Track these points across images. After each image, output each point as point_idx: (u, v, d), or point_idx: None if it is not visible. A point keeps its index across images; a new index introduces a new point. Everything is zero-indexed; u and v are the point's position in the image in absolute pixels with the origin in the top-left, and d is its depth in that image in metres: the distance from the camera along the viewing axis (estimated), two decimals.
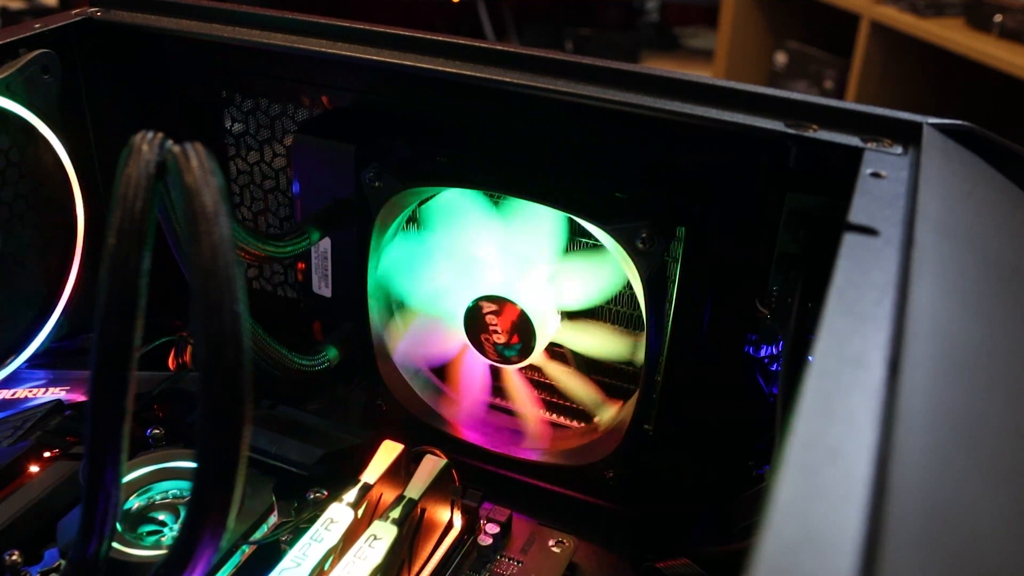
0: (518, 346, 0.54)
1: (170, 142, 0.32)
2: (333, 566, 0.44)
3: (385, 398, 0.59)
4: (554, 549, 0.53)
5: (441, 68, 0.49)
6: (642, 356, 0.51)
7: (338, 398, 0.63)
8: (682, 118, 0.45)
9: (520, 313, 0.52)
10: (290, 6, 0.66)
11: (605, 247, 0.50)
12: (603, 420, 0.56)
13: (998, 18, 1.47)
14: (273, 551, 0.47)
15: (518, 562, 0.52)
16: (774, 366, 0.50)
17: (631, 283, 0.51)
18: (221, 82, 0.61)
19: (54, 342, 0.57)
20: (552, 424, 0.59)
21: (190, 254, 0.30)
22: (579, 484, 0.57)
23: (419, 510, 0.49)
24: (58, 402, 0.53)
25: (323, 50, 0.51)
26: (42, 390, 0.54)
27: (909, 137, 0.42)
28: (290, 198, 0.62)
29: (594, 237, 0.51)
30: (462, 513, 0.53)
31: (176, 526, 0.47)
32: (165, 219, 0.34)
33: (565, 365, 0.57)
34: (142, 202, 0.31)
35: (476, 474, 0.57)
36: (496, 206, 0.54)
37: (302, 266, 0.60)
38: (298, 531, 0.47)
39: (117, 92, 0.59)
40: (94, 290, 0.31)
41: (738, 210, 0.49)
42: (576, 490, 0.57)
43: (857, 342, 0.25)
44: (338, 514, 0.47)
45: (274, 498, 0.49)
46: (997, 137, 0.44)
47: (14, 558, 0.45)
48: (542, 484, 0.58)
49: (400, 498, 0.49)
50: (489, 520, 0.54)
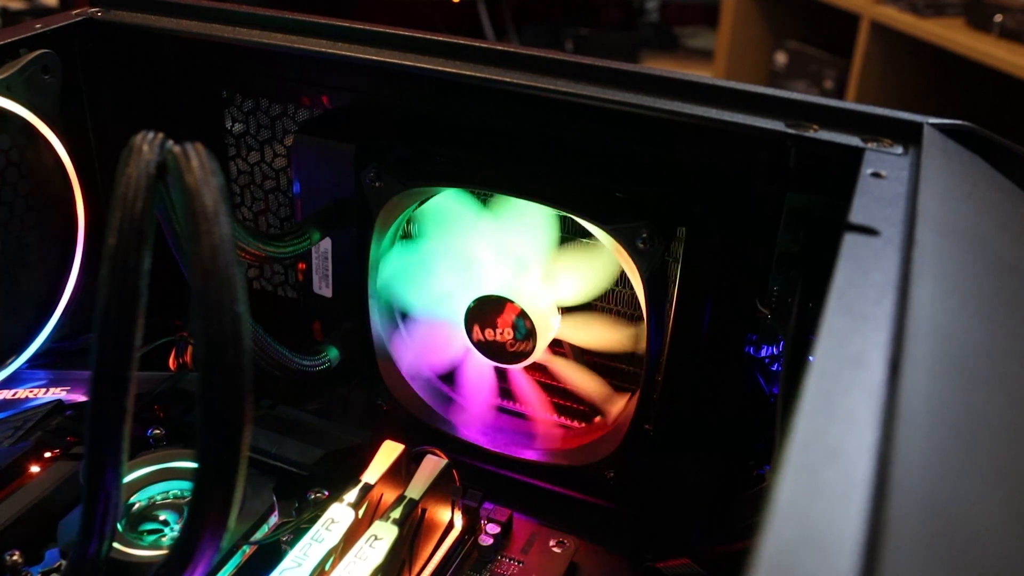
0: (521, 344, 0.53)
1: (170, 142, 0.32)
2: (334, 566, 0.44)
3: (385, 398, 0.59)
4: (554, 549, 0.53)
5: (441, 68, 0.49)
6: (644, 346, 0.51)
7: (338, 398, 0.63)
8: (682, 118, 0.45)
9: (519, 311, 0.52)
10: (290, 6, 0.66)
11: (597, 240, 0.50)
12: (612, 414, 0.56)
13: (998, 18, 1.47)
14: (274, 551, 0.47)
15: (519, 562, 0.52)
16: (774, 366, 0.50)
17: (626, 273, 0.51)
18: (221, 82, 0.61)
19: (54, 342, 0.57)
20: (557, 424, 0.59)
21: (190, 254, 0.30)
22: (579, 484, 0.57)
23: (420, 510, 0.49)
24: (58, 402, 0.53)
25: (323, 50, 0.51)
26: (42, 390, 0.54)
27: (909, 137, 0.42)
28: (290, 198, 0.62)
29: (586, 231, 0.51)
30: (463, 513, 0.53)
31: (176, 526, 0.47)
32: (165, 219, 0.34)
33: (569, 360, 0.57)
34: (142, 202, 0.31)
35: (476, 474, 0.57)
36: (485, 205, 0.54)
37: (302, 266, 0.60)
38: (299, 531, 0.47)
39: (117, 92, 0.59)
40: (94, 290, 0.31)
41: (738, 210, 0.49)
42: (576, 490, 0.57)
43: (857, 342, 0.25)
44: (339, 514, 0.47)
45: (275, 498, 0.49)
46: (997, 137, 0.44)
47: (14, 558, 0.45)
48: (542, 484, 0.58)
49: (401, 498, 0.49)
50: (490, 520, 0.54)
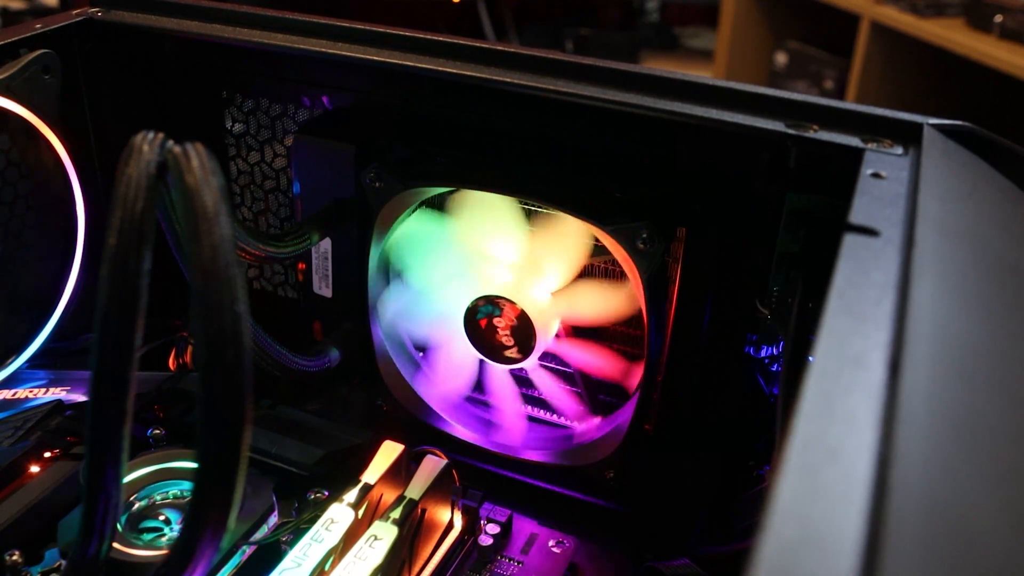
0: (514, 348, 0.53)
1: (170, 142, 0.32)
2: (334, 566, 0.44)
3: (385, 398, 0.59)
4: (554, 549, 0.53)
5: (441, 68, 0.49)
6: (634, 383, 0.51)
7: (338, 398, 0.63)
8: (682, 118, 0.45)
9: (523, 316, 0.52)
10: (290, 6, 0.66)
11: (625, 274, 0.50)
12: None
13: (998, 18, 1.47)
14: (273, 551, 0.47)
15: (518, 562, 0.52)
16: (774, 366, 0.50)
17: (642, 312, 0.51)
18: (221, 82, 0.61)
19: (54, 342, 0.57)
20: (546, 423, 0.59)
21: (190, 254, 0.30)
22: (579, 484, 0.57)
23: (419, 510, 0.49)
24: (58, 402, 0.53)
25: (323, 50, 0.51)
26: (42, 390, 0.54)
27: (909, 137, 0.42)
28: (290, 198, 0.62)
29: (615, 261, 0.51)
30: (462, 513, 0.53)
31: (176, 526, 0.47)
32: (165, 219, 0.34)
33: (553, 374, 0.57)
34: (142, 202, 0.31)
35: (476, 474, 0.57)
36: (527, 216, 0.54)
37: (302, 266, 0.60)
38: (298, 531, 0.47)
39: (117, 92, 0.59)
40: (94, 290, 0.31)
41: (738, 210, 0.49)
42: (576, 490, 0.57)
43: (857, 342, 0.25)
44: (338, 514, 0.47)
45: (274, 498, 0.49)
46: (997, 137, 0.44)
47: (14, 558, 0.45)
48: (542, 484, 0.58)
49: (400, 498, 0.49)
50: (489, 520, 0.54)
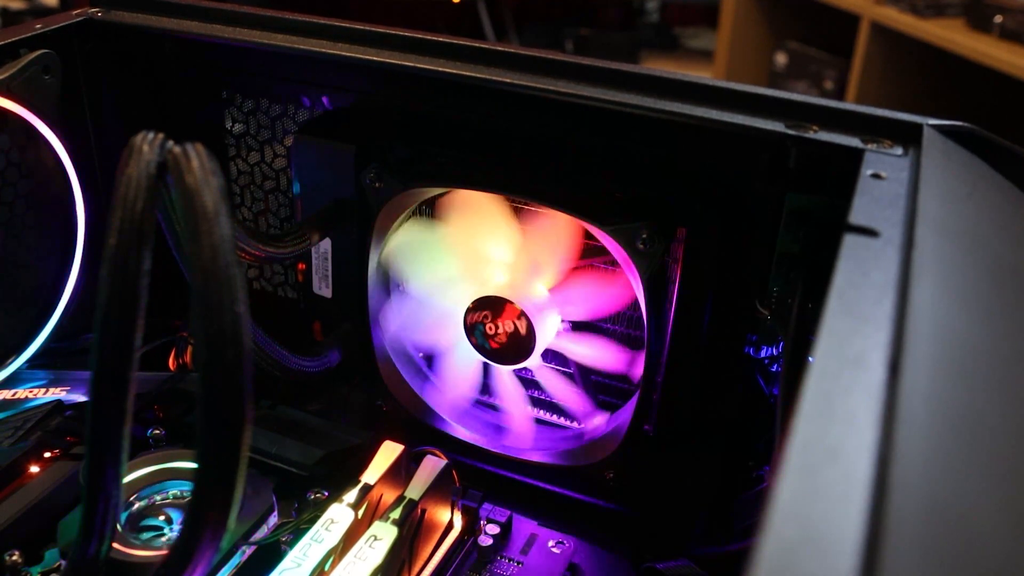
0: (515, 348, 0.53)
1: (170, 142, 0.32)
2: (333, 567, 0.44)
3: (385, 398, 0.59)
4: (554, 549, 0.53)
5: (441, 68, 0.49)
6: (638, 372, 0.51)
7: (338, 398, 0.63)
8: (682, 118, 0.45)
9: (522, 316, 0.52)
10: (290, 6, 0.66)
11: (620, 265, 0.50)
12: (587, 429, 0.56)
13: (998, 19, 1.47)
14: (273, 552, 0.47)
15: (518, 563, 0.52)
16: (774, 367, 0.50)
17: (639, 302, 0.51)
18: (221, 82, 0.61)
19: (54, 342, 0.57)
20: (549, 424, 0.59)
21: (191, 254, 0.30)
22: (579, 484, 0.57)
23: (419, 511, 0.49)
24: (58, 402, 0.53)
25: (323, 50, 0.51)
26: (42, 390, 0.54)
27: (909, 138, 0.42)
28: (290, 198, 0.62)
29: (609, 255, 0.51)
30: (462, 514, 0.53)
31: (176, 526, 0.47)
32: (165, 219, 0.34)
33: (558, 373, 0.57)
34: (142, 202, 0.31)
35: (476, 474, 0.57)
36: (516, 212, 0.54)
37: (302, 267, 0.60)
38: (298, 532, 0.47)
39: (117, 92, 0.59)
40: (94, 290, 0.31)
41: (738, 210, 0.49)
42: (576, 490, 0.57)
43: (857, 343, 0.25)
44: (338, 515, 0.47)
45: (274, 498, 0.49)
46: (997, 138, 0.44)
47: (14, 558, 0.45)
48: (542, 484, 0.58)
49: (400, 499, 0.49)
50: (489, 521, 0.54)
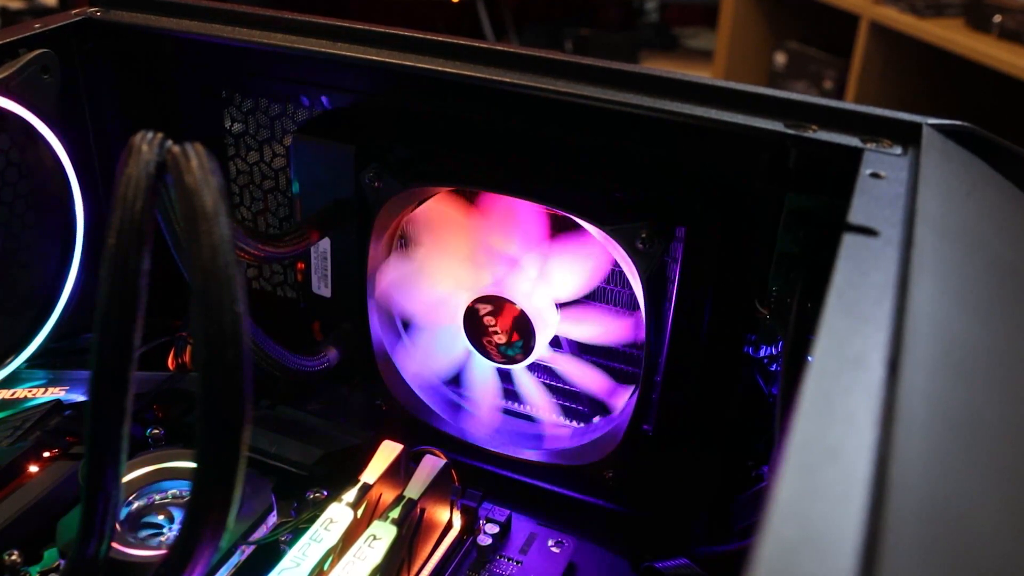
0: (519, 343, 0.53)
1: (170, 142, 0.32)
2: (332, 566, 0.44)
3: (385, 398, 0.59)
4: (553, 549, 0.53)
5: (441, 68, 0.49)
6: (643, 335, 0.51)
7: (338, 398, 0.63)
8: (682, 118, 0.45)
9: (516, 310, 0.52)
10: (290, 6, 0.66)
11: (587, 230, 0.50)
12: (618, 407, 0.56)
13: (998, 18, 1.47)
14: (272, 551, 0.47)
15: (517, 562, 0.52)
16: (774, 366, 0.50)
17: (618, 263, 0.51)
18: (221, 82, 0.60)
19: (54, 342, 0.57)
20: (557, 424, 0.59)
21: (190, 254, 0.30)
22: (579, 484, 0.57)
23: (418, 510, 0.49)
24: (58, 402, 0.53)
25: (323, 50, 0.51)
26: (42, 390, 0.54)
27: (909, 138, 0.42)
28: (289, 198, 0.62)
29: (576, 223, 0.51)
30: (461, 513, 0.53)
31: (176, 526, 0.47)
32: (165, 219, 0.34)
33: (572, 357, 0.57)
34: (142, 202, 0.31)
35: (476, 474, 0.57)
36: (472, 203, 0.54)
37: (302, 266, 0.60)
38: (298, 531, 0.47)
39: (117, 92, 0.59)
40: (94, 290, 0.31)
41: (738, 210, 0.49)
42: (576, 490, 0.57)
43: (857, 342, 0.25)
44: (337, 514, 0.47)
45: (274, 498, 0.49)
46: (997, 137, 0.44)
47: (14, 558, 0.45)
48: (542, 484, 0.58)
49: (400, 498, 0.49)
50: (488, 520, 0.54)
